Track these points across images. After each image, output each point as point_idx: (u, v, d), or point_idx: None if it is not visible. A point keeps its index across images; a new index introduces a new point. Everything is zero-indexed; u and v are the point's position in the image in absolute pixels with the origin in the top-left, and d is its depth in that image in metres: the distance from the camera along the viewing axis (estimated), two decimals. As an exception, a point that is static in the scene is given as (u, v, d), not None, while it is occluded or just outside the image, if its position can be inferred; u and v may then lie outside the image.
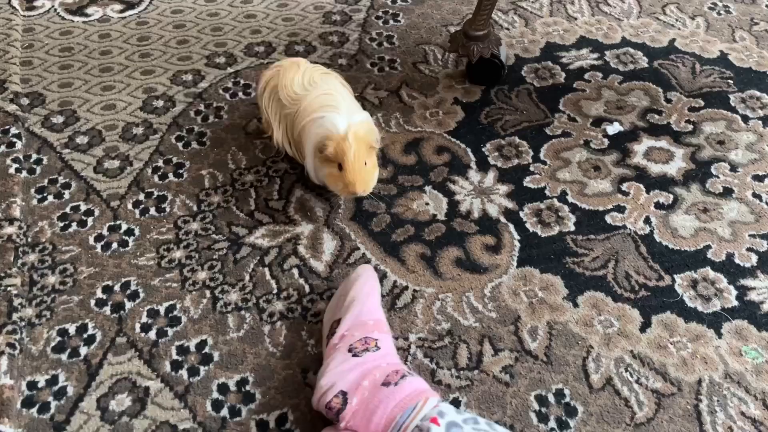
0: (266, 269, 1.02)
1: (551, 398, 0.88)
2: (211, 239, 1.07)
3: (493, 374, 0.90)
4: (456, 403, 0.87)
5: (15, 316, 0.95)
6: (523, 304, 0.98)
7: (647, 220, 1.10)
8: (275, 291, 1.00)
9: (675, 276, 1.02)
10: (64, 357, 0.92)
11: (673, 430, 0.84)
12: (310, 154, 1.06)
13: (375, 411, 0.78)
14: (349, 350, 0.84)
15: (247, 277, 1.01)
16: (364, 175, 1.01)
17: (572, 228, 1.09)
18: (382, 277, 1.01)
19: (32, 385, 0.88)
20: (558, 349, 0.93)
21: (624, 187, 1.16)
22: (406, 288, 1.00)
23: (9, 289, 0.98)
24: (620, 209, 1.12)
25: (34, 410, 0.86)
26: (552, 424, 0.85)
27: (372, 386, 0.80)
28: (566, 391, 0.88)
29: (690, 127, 1.28)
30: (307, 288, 1.00)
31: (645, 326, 0.95)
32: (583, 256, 1.05)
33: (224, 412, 0.86)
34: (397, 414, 0.77)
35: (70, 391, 0.88)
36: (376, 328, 0.88)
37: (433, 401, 0.78)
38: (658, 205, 1.13)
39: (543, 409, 0.87)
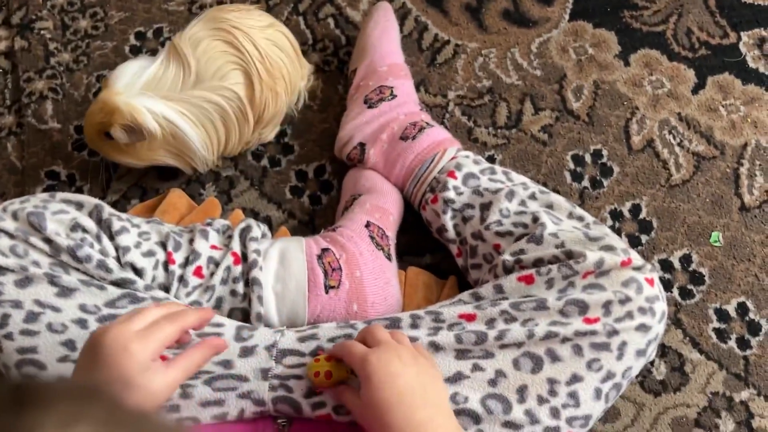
0: (300, 18, 0.97)
1: (588, 158, 0.87)
2: (241, -17, 1.00)
3: (531, 133, 0.89)
4: (491, 160, 0.87)
5: (53, 61, 0.94)
6: (571, 62, 0.93)
7: (723, -31, 0.98)
8: (310, 42, 0.96)
9: (741, 33, 0.94)
10: (105, 104, 0.93)
11: (708, 192, 0.84)
12: None
13: (395, 164, 0.80)
14: (365, 101, 0.84)
15: (282, 26, 0.97)
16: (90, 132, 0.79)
17: (636, -23, 0.98)
18: (422, 29, 0.96)
19: (79, 129, 0.91)
20: (601, 110, 0.90)
21: (703, -72, 1.02)
22: (448, 42, 0.95)
23: (42, 32, 0.96)
24: (694, -45, 0.99)
25: (84, 153, 0.90)
26: (585, 183, 0.86)
27: (390, 139, 0.81)
28: (604, 152, 0.87)
29: None
30: (343, 39, 0.96)
31: (698, 87, 0.90)
32: (643, 9, 0.96)
33: (264, 161, 0.89)
34: (415, 167, 0.78)
35: (116, 136, 0.91)
36: (390, 74, 0.85)
37: (451, 152, 0.78)
38: (739, -49, 0.99)
39: (578, 169, 0.87)
